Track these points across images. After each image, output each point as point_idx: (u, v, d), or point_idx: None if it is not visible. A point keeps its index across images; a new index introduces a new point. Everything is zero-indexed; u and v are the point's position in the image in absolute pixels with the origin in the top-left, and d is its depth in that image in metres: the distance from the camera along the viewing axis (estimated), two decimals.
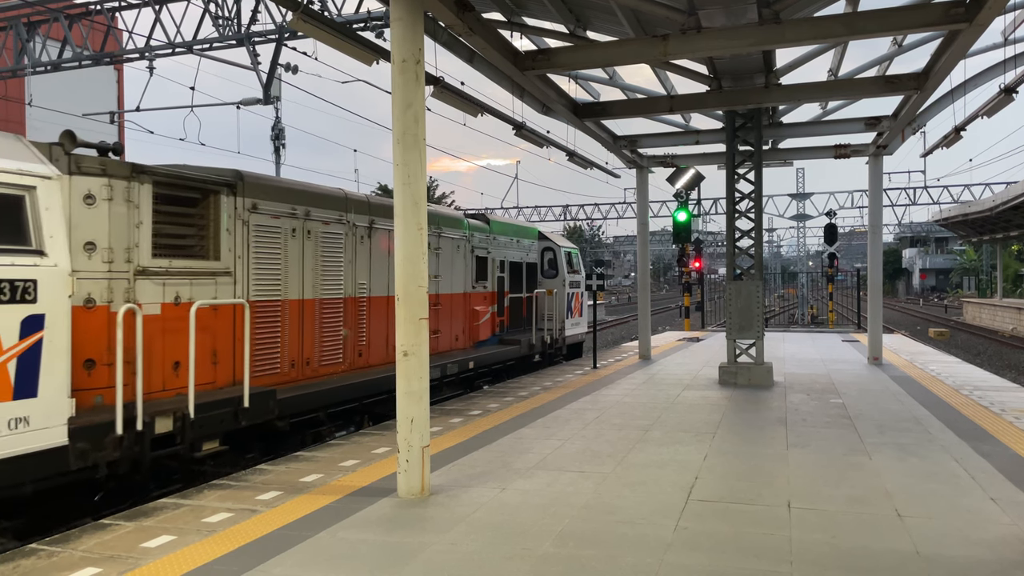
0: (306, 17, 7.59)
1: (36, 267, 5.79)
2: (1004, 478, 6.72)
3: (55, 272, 5.93)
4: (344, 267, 10.17)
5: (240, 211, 8.40)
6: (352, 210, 10.43)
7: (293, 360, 9.24)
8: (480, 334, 14.28)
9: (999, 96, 10.88)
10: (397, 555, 5.02)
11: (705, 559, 4.88)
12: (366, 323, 10.72)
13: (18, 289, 5.63)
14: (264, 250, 8.79)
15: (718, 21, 9.15)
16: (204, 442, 7.39)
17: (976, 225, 44.13)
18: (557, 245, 17.81)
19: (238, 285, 8.38)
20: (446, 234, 13.08)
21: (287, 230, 9.16)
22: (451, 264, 13.24)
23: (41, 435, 5.80)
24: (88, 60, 19.86)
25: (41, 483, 5.98)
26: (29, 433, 5.71)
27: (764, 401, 11.02)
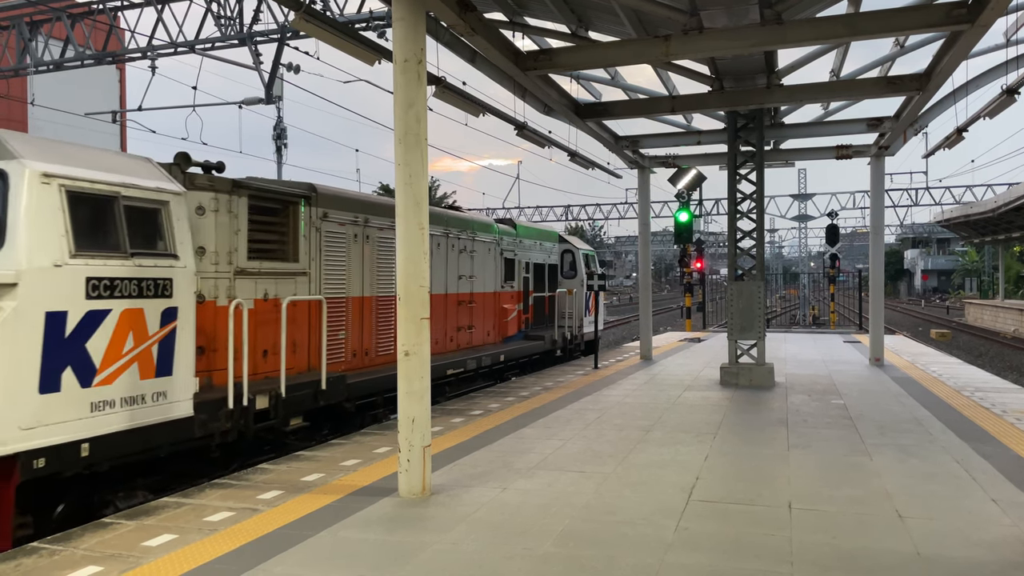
0: (308, 17, 7.60)
1: (171, 268, 6.95)
2: (1005, 479, 6.71)
3: (185, 272, 7.09)
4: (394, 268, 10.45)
5: (314, 219, 9.59)
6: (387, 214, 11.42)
7: (355, 350, 10.34)
8: (508, 330, 15.35)
9: (1001, 97, 10.87)
10: (398, 554, 5.02)
11: (706, 559, 4.88)
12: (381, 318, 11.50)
13: (159, 286, 6.82)
14: (333, 253, 9.96)
15: (720, 22, 9.14)
16: (291, 418, 8.59)
17: (978, 226, 44.09)
18: (576, 247, 18.92)
19: (312, 283, 9.53)
20: (479, 238, 14.17)
21: (351, 235, 10.32)
22: (483, 266, 14.32)
23: (174, 407, 6.95)
24: (90, 59, 19.88)
25: (172, 448, 7.10)
26: (166, 405, 6.87)
27: (765, 402, 11.02)
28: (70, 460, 6.04)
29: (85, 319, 6.16)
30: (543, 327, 17.00)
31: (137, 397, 6.59)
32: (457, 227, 13.45)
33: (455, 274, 13.33)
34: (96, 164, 6.59)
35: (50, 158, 6.21)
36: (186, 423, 7.06)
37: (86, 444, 6.12)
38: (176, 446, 7.12)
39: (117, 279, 6.44)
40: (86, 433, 6.11)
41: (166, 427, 6.86)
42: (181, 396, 7.01)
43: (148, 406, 6.68)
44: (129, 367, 6.52)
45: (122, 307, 6.46)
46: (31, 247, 5.79)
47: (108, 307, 6.35)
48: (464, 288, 13.60)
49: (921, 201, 49.38)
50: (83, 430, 6.09)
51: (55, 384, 5.90)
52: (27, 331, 5.72)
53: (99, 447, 6.24)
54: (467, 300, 13.58)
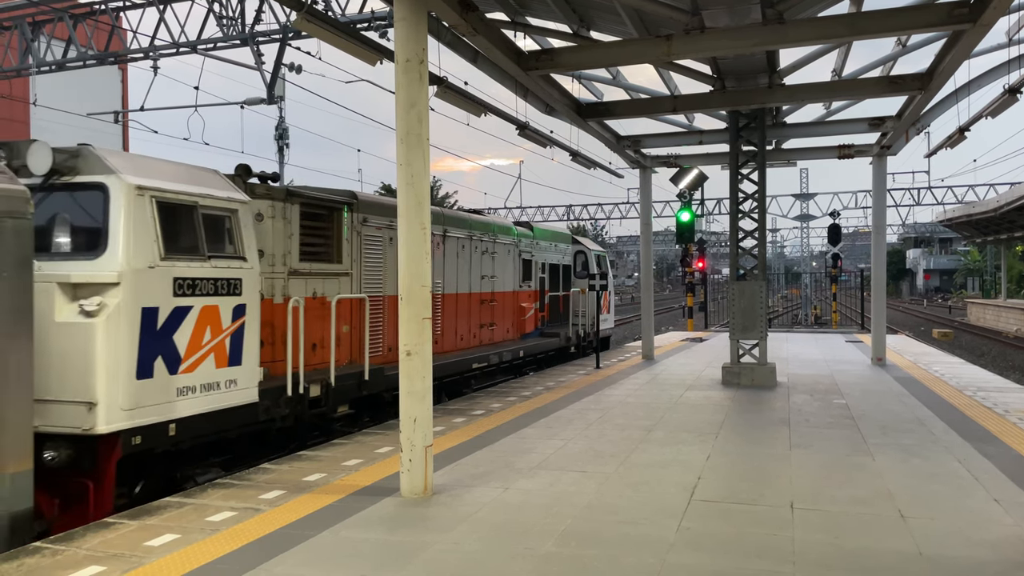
0: (310, 17, 7.61)
1: (240, 269, 7.75)
2: (1007, 479, 6.71)
3: (251, 272, 7.90)
4: None
5: (355, 224, 10.46)
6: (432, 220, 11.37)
7: (390, 345, 10.84)
8: (526, 327, 16.22)
9: (1003, 96, 10.85)
10: (400, 554, 5.03)
11: (707, 559, 4.88)
12: (441, 315, 12.64)
13: (231, 285, 7.62)
14: (371, 255, 10.81)
15: (722, 21, 9.14)
16: (339, 406, 9.41)
17: (980, 226, 44.03)
18: (588, 249, 19.83)
19: (354, 283, 10.35)
20: (499, 240, 15.00)
21: (386, 239, 11.06)
22: (503, 266, 15.17)
23: (243, 393, 7.79)
24: (92, 60, 19.90)
25: (240, 430, 7.91)
26: (236, 391, 7.70)
27: (767, 401, 11.02)
28: (160, 438, 6.88)
29: (172, 314, 7.02)
30: (558, 325, 17.78)
31: (213, 384, 7.46)
32: (480, 230, 14.24)
33: (478, 274, 14.09)
34: (177, 176, 7.40)
35: (141, 172, 6.97)
36: (252, 408, 7.94)
37: (173, 424, 7.00)
38: (243, 429, 7.98)
39: (197, 279, 7.29)
40: (173, 415, 6.98)
41: (236, 411, 7.73)
42: (248, 384, 7.87)
43: (222, 392, 7.55)
44: (207, 357, 7.37)
45: (201, 304, 7.31)
46: (129, 251, 6.60)
47: (190, 304, 7.20)
48: (486, 288, 14.40)
49: (923, 201, 49.36)
50: (170, 412, 6.96)
51: (149, 371, 6.74)
52: (127, 325, 6.53)
53: (183, 427, 7.10)
54: (489, 299, 14.47)
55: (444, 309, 12.82)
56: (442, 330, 12.70)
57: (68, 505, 6.48)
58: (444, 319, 12.82)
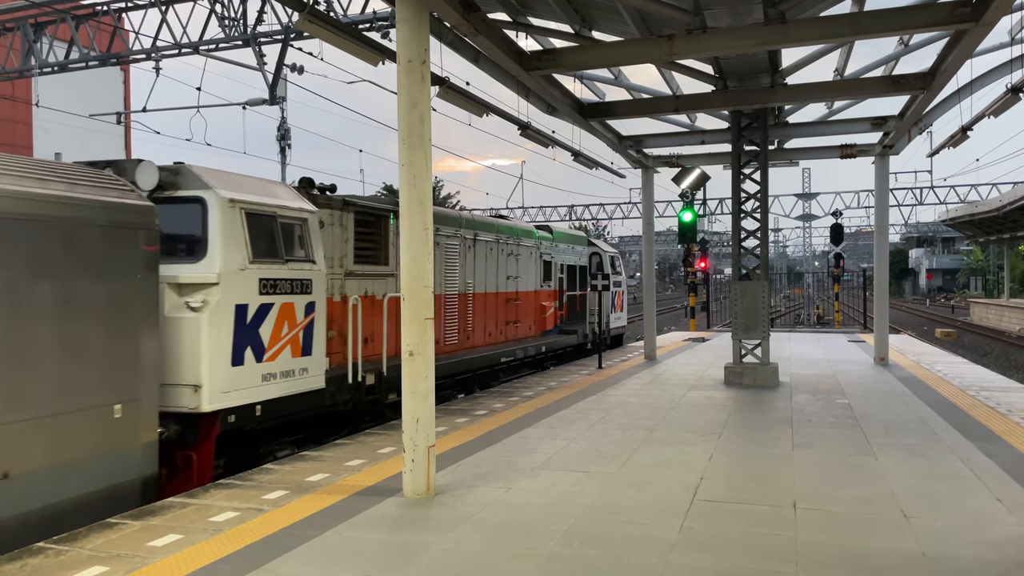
0: (312, 18, 7.61)
1: (311, 270, 8.77)
2: (1010, 479, 6.70)
3: (319, 274, 8.91)
4: (458, 270, 13.16)
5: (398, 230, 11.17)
6: (463, 226, 13.44)
7: None
8: (547, 325, 17.16)
9: (1006, 96, 10.84)
10: (402, 554, 5.03)
11: (710, 559, 4.88)
12: (472, 313, 13.62)
13: (303, 285, 8.64)
14: None
15: (723, 21, 9.14)
16: (390, 393, 10.27)
17: (983, 225, 43.98)
18: (603, 250, 20.86)
19: (398, 283, 10.88)
20: (523, 243, 15.98)
21: None
22: (526, 267, 16.11)
23: (313, 380, 8.78)
24: (95, 61, 19.92)
25: (309, 413, 8.95)
26: (308, 378, 8.70)
27: (769, 401, 11.01)
28: (249, 418, 7.91)
29: (258, 310, 8.03)
30: (575, 322, 18.71)
31: (290, 371, 8.47)
32: (506, 234, 15.25)
33: (504, 275, 15.01)
34: (258, 190, 8.37)
35: (231, 187, 7.91)
36: (320, 394, 8.96)
37: (259, 406, 8.01)
38: (313, 411, 9.00)
39: (277, 279, 8.32)
40: (259, 398, 8.00)
41: (307, 396, 8.74)
42: (317, 372, 8.88)
43: (296, 379, 8.55)
44: (285, 348, 8.38)
45: (281, 301, 8.34)
46: (225, 255, 7.58)
47: (272, 301, 8.22)
48: (511, 287, 15.35)
49: (926, 200, 49.30)
50: (257, 395, 7.97)
51: (241, 359, 7.75)
52: (224, 319, 7.54)
53: (266, 409, 8.12)
54: (514, 298, 15.48)
55: (475, 307, 13.79)
56: (473, 327, 13.73)
57: (174, 475, 7.31)
58: (475, 317, 13.79)
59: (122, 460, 6.40)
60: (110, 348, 6.30)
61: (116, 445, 6.33)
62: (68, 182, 6.25)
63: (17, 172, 5.86)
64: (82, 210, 6.15)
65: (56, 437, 5.84)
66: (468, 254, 13.47)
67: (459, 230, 13.30)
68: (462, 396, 12.74)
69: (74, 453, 5.98)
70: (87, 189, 6.33)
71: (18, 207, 5.63)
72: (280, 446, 8.70)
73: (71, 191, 6.16)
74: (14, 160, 6.14)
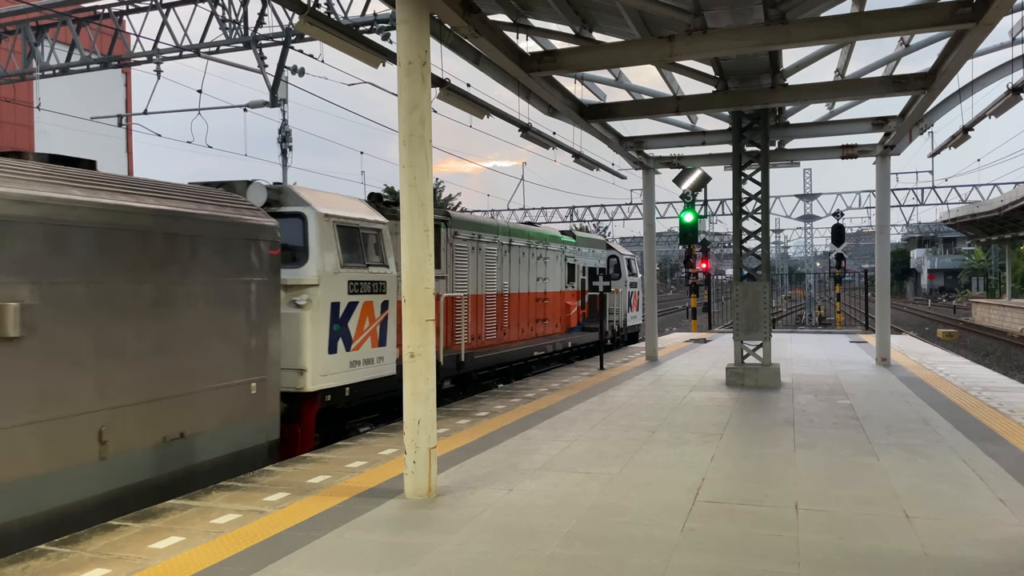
0: (312, 20, 7.61)
1: (385, 274, 10.28)
2: (1012, 479, 6.69)
3: (392, 276, 10.36)
4: (496, 272, 14.67)
5: (449, 237, 12.93)
6: (500, 233, 15.03)
7: (473, 335, 13.62)
8: (571, 322, 18.75)
9: (1007, 96, 10.83)
10: (404, 556, 5.03)
11: (712, 560, 4.87)
12: (508, 312, 15.13)
13: (379, 286, 10.16)
14: (460, 262, 13.28)
15: (724, 22, 9.14)
16: (445, 381, 12.06)
17: (984, 225, 43.98)
18: (620, 253, 22.41)
19: (448, 284, 12.77)
20: (550, 247, 17.51)
21: (469, 248, 13.61)
22: (553, 270, 17.57)
23: (387, 368, 10.24)
24: (96, 63, 19.93)
25: (384, 395, 10.28)
26: (383, 366, 10.19)
27: (771, 402, 11.00)
28: (341, 397, 9.40)
29: (347, 307, 9.50)
30: (596, 320, 19.69)
31: (370, 359, 9.93)
32: (535, 239, 16.78)
33: (534, 277, 16.44)
34: (345, 206, 9.97)
35: (325, 204, 9.47)
36: (392, 379, 10.16)
37: (348, 388, 9.52)
38: (386, 394, 10.28)
39: (361, 281, 9.82)
40: (347, 381, 9.50)
41: (383, 380, 10.17)
42: (390, 361, 10.28)
43: (375, 366, 10.01)
44: (366, 339, 9.88)
45: (363, 300, 9.83)
46: (322, 261, 9.11)
47: (357, 300, 9.71)
48: (540, 288, 16.82)
49: (927, 200, 49.20)
50: (346, 379, 9.47)
51: (335, 348, 9.23)
52: (322, 314, 9.03)
53: (353, 390, 9.61)
54: (543, 298, 16.96)
55: (511, 306, 15.28)
56: (509, 324, 15.22)
57: (282, 444, 8.43)
58: (511, 314, 15.27)
59: (256, 427, 7.85)
60: (248, 336, 7.74)
61: (253, 415, 7.81)
62: (217, 203, 7.62)
63: (185, 196, 7.33)
64: (231, 228, 7.56)
65: (216, 407, 7.29)
66: (504, 258, 15.04)
67: (497, 236, 14.82)
68: (501, 385, 14.23)
69: (227, 419, 7.43)
70: (231, 209, 7.77)
71: (194, 226, 7.11)
72: (361, 423, 10.23)
73: (221, 211, 7.56)
74: (177, 186, 7.55)
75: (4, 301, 5.38)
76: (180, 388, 6.84)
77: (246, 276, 7.71)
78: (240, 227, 7.69)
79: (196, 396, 7.03)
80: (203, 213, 7.27)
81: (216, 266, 7.32)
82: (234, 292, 7.55)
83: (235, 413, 7.51)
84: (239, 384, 7.57)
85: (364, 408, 10.31)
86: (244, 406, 7.62)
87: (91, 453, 6.06)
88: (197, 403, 7.03)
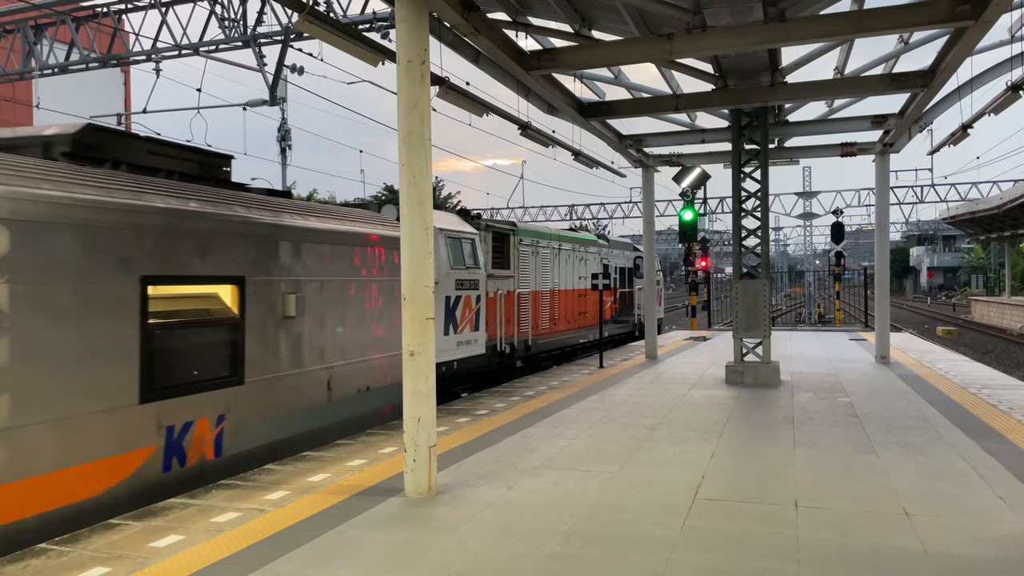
0: (312, 18, 7.61)
1: (478, 274, 13.48)
2: (1012, 476, 6.70)
3: (482, 276, 13.71)
4: (550, 272, 17.84)
5: (515, 243, 16.25)
6: (552, 238, 18.36)
7: (534, 324, 16.82)
8: (606, 316, 21.13)
9: (1006, 93, 10.83)
10: (404, 554, 5.03)
11: (712, 558, 4.88)
12: (558, 305, 18.27)
13: (475, 283, 13.38)
14: (524, 264, 16.50)
15: (723, 20, 9.14)
16: (517, 360, 15.66)
17: (984, 223, 43.99)
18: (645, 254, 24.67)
19: (515, 282, 16.01)
20: (589, 250, 20.90)
21: (530, 252, 16.87)
22: (592, 270, 20.51)
23: (478, 347, 13.46)
24: (95, 62, 19.93)
25: (477, 370, 13.78)
26: (476, 346, 13.40)
27: (771, 400, 11.00)
28: (450, 369, 12.49)
29: (455, 300, 12.70)
30: (626, 314, 23.54)
31: (469, 341, 13.11)
32: (578, 243, 20.08)
33: (577, 276, 19.52)
34: (449, 220, 13.28)
35: (439, 221, 12.38)
36: (482, 357, 13.73)
37: (455, 362, 12.67)
38: (478, 369, 13.70)
39: (463, 280, 12.99)
40: (455, 356, 12.67)
41: (476, 357, 13.47)
42: (481, 342, 13.53)
43: (471, 346, 13.21)
44: (466, 325, 13.03)
45: (464, 294, 13.03)
46: (440, 265, 11.97)
47: (460, 294, 12.91)
48: (581, 285, 19.86)
49: (926, 198, 49.23)
50: (453, 355, 12.62)
51: (447, 331, 12.40)
52: (441, 305, 11.99)
53: (459, 364, 12.85)
54: (584, 294, 20.01)
55: (560, 301, 18.33)
56: (560, 315, 18.30)
57: None
58: (560, 308, 18.34)
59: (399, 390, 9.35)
60: (394, 318, 9.98)
61: (396, 380, 9.71)
62: (383, 224, 10.36)
63: (367, 219, 10.16)
64: (394, 241, 10.03)
65: (384, 371, 9.91)
66: (555, 260, 18.17)
67: (550, 241, 18.08)
68: (554, 367, 16.60)
69: (389, 380, 9.98)
70: (392, 227, 10.33)
71: (379, 242, 9.96)
72: (461, 389, 13.52)
73: (388, 230, 10.22)
74: (362, 212, 10.56)
75: (288, 294, 8.14)
76: (366, 355, 9.61)
77: (393, 275, 10.09)
78: (398, 240, 10.00)
79: (374, 362, 9.78)
80: (379, 232, 10.13)
81: (385, 268, 10.08)
82: (388, 286, 10.10)
83: (393, 375, 9.98)
84: (397, 355, 9.98)
85: (462, 379, 13.42)
86: (399, 371, 8.92)
87: (325, 397, 8.82)
88: (375, 367, 9.79)
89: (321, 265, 8.71)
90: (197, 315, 7.32)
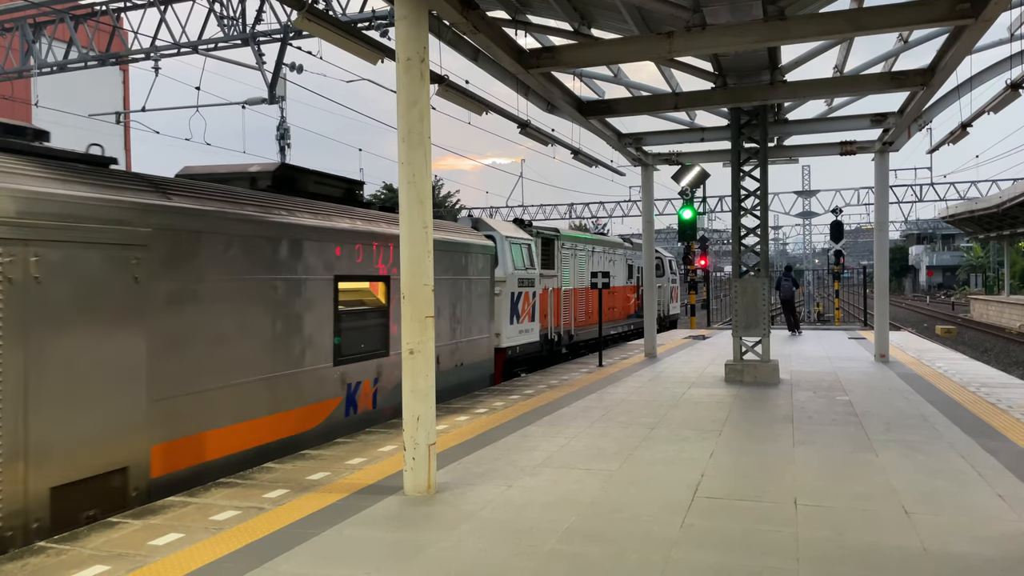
0: (311, 16, 7.59)
1: (534, 273, 16.46)
2: (1011, 475, 6.70)
3: (537, 275, 16.59)
4: (584, 271, 20.27)
5: (559, 247, 18.71)
6: (587, 241, 21.12)
7: (575, 317, 19.53)
8: (630, 311, 24.80)
9: (1005, 92, 10.83)
10: (403, 552, 5.03)
11: (711, 556, 4.88)
12: (592, 300, 20.40)
13: (532, 281, 16.37)
14: (565, 264, 19.05)
15: (723, 18, 9.12)
16: (562, 348, 18.29)
17: (983, 222, 43.99)
18: (664, 255, 28.18)
19: (559, 281, 18.48)
20: (617, 252, 23.77)
21: (569, 254, 19.45)
22: (619, 269, 23.66)
23: (534, 335, 16.42)
24: (94, 61, 19.90)
25: (532, 355, 16.50)
26: (532, 335, 16.35)
27: (770, 399, 11.01)
28: (514, 353, 15.21)
29: (517, 295, 15.40)
30: None
31: (526, 330, 15.83)
32: (608, 246, 22.98)
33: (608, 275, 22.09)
34: (510, 229, 15.94)
35: (504, 229, 15.46)
36: (536, 344, 16.50)
37: (517, 347, 15.41)
38: (533, 354, 16.42)
39: (523, 278, 15.78)
40: (516, 343, 15.36)
41: (532, 344, 16.22)
42: (536, 331, 16.29)
43: (528, 334, 15.95)
44: (525, 316, 15.80)
45: (523, 290, 15.72)
46: (507, 266, 15.01)
47: (521, 291, 15.58)
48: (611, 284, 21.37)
49: (926, 197, 49.17)
50: (516, 341, 15.34)
51: (511, 321, 15.07)
52: (507, 299, 14.88)
53: (520, 349, 15.56)
54: (612, 291, 22.41)
55: (592, 296, 20.42)
56: (593, 310, 20.54)
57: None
58: (591, 302, 20.68)
59: (486, 364, 13.39)
60: (485, 308, 13.08)
61: (485, 356, 13.26)
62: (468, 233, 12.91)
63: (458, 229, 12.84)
64: (481, 247, 13.00)
65: (473, 350, 12.71)
66: (589, 261, 20.91)
67: (586, 245, 20.89)
68: (588, 354, 18.38)
69: (476, 358, 12.88)
70: (475, 236, 13.16)
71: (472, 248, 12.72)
72: (520, 370, 15.68)
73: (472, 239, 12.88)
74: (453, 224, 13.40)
75: None
76: (461, 337, 12.14)
77: (482, 275, 13.05)
78: (483, 246, 13.26)
79: (466, 343, 12.34)
80: (471, 241, 12.72)
81: (477, 268, 12.80)
82: (480, 285, 12.85)
83: (479, 354, 12.93)
84: (481, 338, 13.07)
85: (521, 362, 15.84)
86: (482, 351, 13.15)
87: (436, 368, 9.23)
88: (467, 347, 12.35)
89: (442, 266, 11.31)
90: (362, 304, 9.76)
